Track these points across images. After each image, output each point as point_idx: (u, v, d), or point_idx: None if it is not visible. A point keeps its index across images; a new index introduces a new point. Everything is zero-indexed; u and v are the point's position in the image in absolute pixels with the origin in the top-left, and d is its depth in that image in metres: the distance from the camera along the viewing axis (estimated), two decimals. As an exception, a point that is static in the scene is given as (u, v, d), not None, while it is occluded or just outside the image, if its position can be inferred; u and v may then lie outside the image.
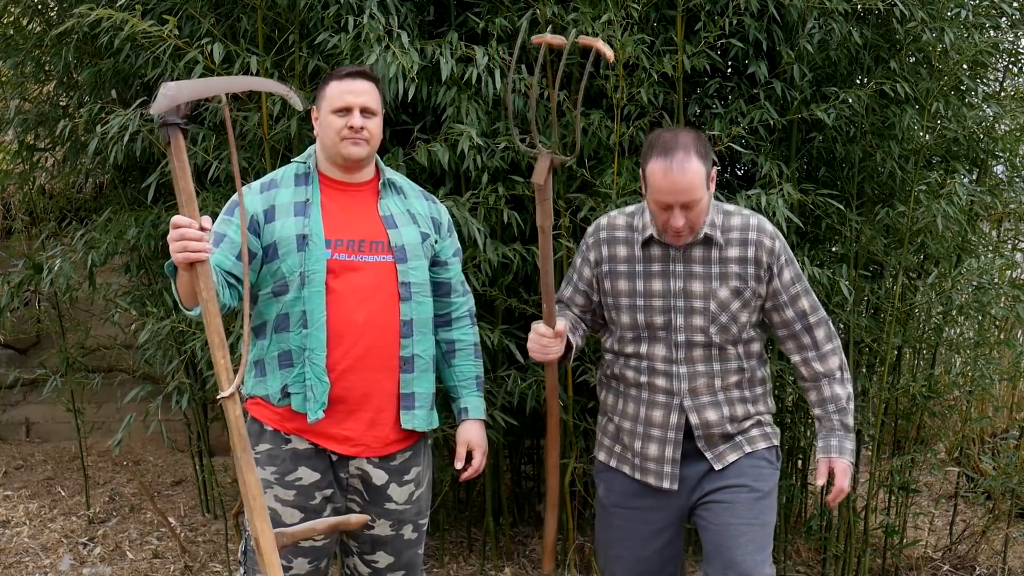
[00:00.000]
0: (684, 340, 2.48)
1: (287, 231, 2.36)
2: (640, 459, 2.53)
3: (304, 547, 2.39)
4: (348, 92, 2.37)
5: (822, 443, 2.54)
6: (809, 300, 2.53)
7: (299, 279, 2.34)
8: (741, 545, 2.43)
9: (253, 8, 3.30)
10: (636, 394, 2.54)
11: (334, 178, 2.45)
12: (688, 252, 2.48)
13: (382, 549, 2.49)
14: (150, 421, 3.73)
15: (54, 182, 4.81)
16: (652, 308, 2.49)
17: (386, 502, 2.45)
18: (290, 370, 2.37)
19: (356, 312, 2.35)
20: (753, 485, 2.49)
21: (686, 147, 2.34)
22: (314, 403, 2.34)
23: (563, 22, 3.26)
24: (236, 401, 1.96)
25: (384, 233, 2.43)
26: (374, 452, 2.41)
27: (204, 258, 1.97)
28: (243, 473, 1.96)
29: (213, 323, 1.96)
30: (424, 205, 2.54)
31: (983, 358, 3.99)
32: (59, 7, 3.91)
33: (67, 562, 4.11)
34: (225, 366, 1.95)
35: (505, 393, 3.50)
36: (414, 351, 2.42)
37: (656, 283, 2.49)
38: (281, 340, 2.37)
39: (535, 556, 4.12)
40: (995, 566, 4.34)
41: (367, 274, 2.38)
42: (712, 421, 2.49)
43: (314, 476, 2.38)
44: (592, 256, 2.59)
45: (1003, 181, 4.18)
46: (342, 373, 2.35)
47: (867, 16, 3.53)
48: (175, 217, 1.98)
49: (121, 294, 4.27)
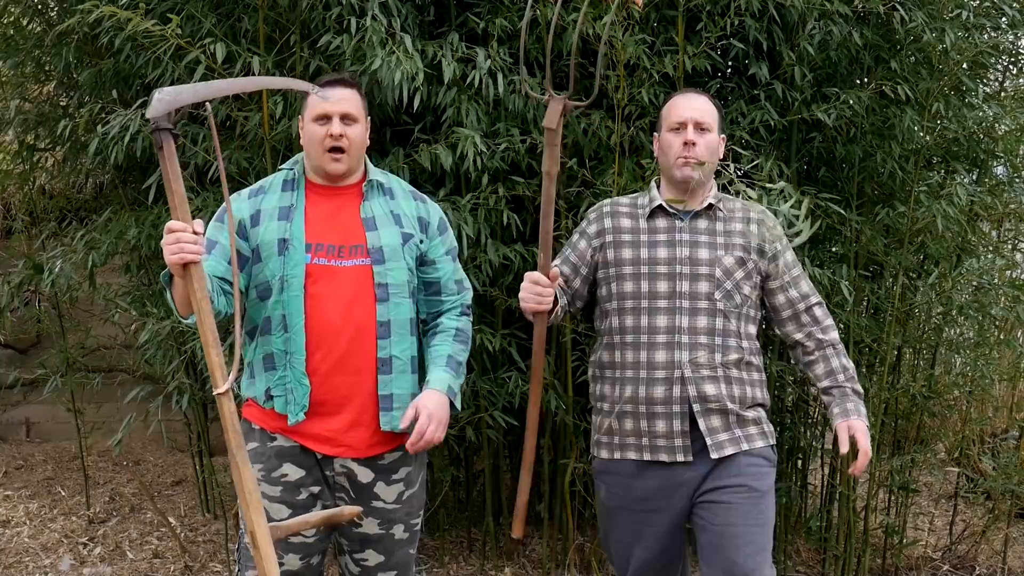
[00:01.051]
0: (688, 307, 2.50)
1: (269, 235, 2.39)
2: (648, 437, 2.51)
3: (295, 543, 2.41)
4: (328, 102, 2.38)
5: (838, 409, 2.54)
6: (808, 284, 2.63)
7: (279, 283, 2.37)
8: (741, 547, 2.43)
9: (254, 8, 3.30)
10: (633, 375, 2.53)
11: (320, 183, 2.47)
12: (693, 222, 2.55)
13: (371, 547, 2.49)
14: (150, 421, 3.74)
15: (54, 182, 4.81)
16: (656, 275, 2.52)
17: (373, 500, 2.45)
18: (273, 373, 2.39)
19: (334, 316, 2.37)
20: (752, 485, 2.48)
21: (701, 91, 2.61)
22: (295, 406, 2.37)
23: (563, 22, 3.26)
24: (230, 397, 1.99)
25: (363, 236, 2.43)
26: (357, 453, 2.42)
27: (198, 259, 2.02)
28: (238, 468, 1.99)
29: (207, 321, 1.99)
30: (412, 205, 2.54)
31: (983, 358, 3.99)
32: (59, 7, 3.91)
33: (67, 562, 4.11)
34: (219, 363, 1.99)
35: (506, 394, 3.51)
36: (391, 352, 2.42)
37: (661, 251, 2.53)
38: (265, 343, 2.41)
39: (535, 556, 4.12)
40: (995, 566, 4.35)
41: (345, 278, 2.39)
42: (711, 395, 2.48)
43: (299, 472, 2.40)
44: (592, 229, 2.63)
45: (1003, 181, 4.18)
46: (324, 376, 2.37)
47: (867, 17, 3.53)
48: (169, 222, 2.02)
49: (121, 294, 4.27)
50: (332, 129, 2.37)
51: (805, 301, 2.59)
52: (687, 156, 2.50)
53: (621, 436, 2.56)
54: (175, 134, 1.94)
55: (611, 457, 2.60)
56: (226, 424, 1.99)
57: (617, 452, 2.58)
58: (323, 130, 2.38)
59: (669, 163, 2.55)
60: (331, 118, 2.38)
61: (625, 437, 2.56)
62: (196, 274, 2.02)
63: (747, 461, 2.50)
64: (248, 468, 2.00)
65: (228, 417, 1.99)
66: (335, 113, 2.38)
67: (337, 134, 2.37)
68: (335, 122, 2.38)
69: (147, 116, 1.92)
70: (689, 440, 2.49)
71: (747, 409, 2.53)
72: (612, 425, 2.58)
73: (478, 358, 3.60)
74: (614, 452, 2.59)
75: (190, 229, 2.01)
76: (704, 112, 2.53)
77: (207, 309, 2.00)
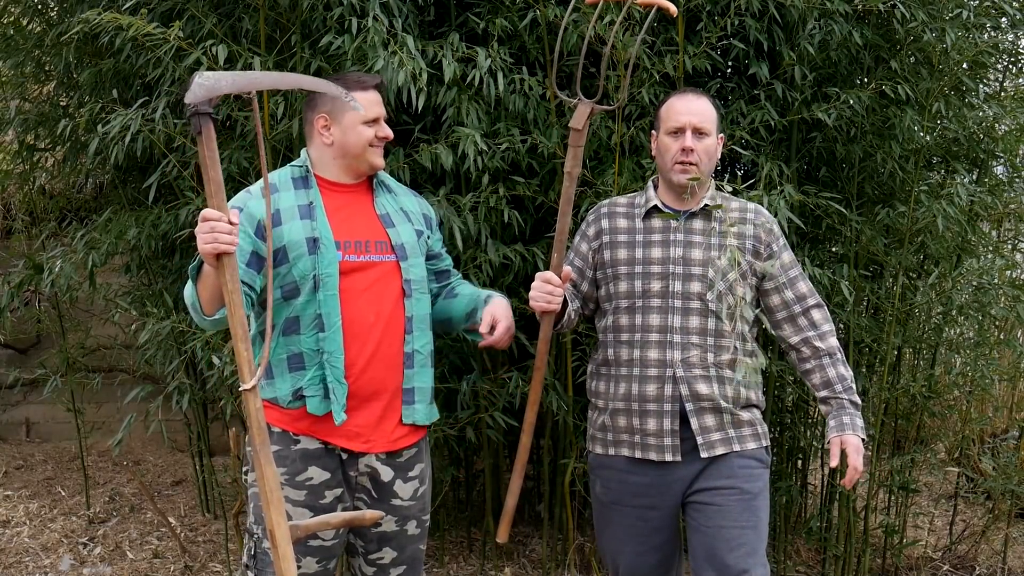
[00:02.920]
0: (681, 307, 2.50)
1: (295, 235, 2.38)
2: (640, 435, 2.53)
3: (313, 546, 2.40)
4: (376, 104, 2.46)
5: (833, 422, 2.53)
6: (806, 284, 2.60)
7: (312, 282, 2.36)
8: (733, 549, 2.44)
9: (255, 9, 3.30)
10: (627, 373, 2.54)
11: (331, 180, 2.49)
12: (689, 222, 2.55)
13: (387, 545, 2.51)
14: (150, 421, 3.73)
15: (54, 182, 4.81)
16: (650, 275, 2.53)
17: (392, 498, 2.47)
18: (302, 373, 2.38)
19: (367, 312, 2.40)
20: (744, 487, 2.49)
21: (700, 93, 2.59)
22: (336, 405, 2.37)
23: (567, 23, 3.26)
24: (257, 394, 1.97)
25: (384, 233, 2.48)
26: (382, 448, 2.44)
27: (232, 250, 1.99)
28: (261, 466, 1.97)
29: (237, 314, 1.96)
30: (414, 202, 2.62)
31: (983, 358, 3.99)
32: (59, 7, 3.91)
33: (67, 562, 4.11)
34: (247, 358, 1.96)
35: (506, 395, 3.51)
36: (415, 347, 2.47)
37: (656, 251, 2.54)
38: (291, 343, 2.39)
39: (535, 556, 4.13)
40: (995, 566, 4.35)
41: (375, 273, 2.43)
42: (703, 394, 2.48)
43: (324, 475, 2.40)
44: (592, 230, 2.65)
45: (1003, 181, 4.19)
46: (360, 372, 2.39)
47: (867, 17, 3.53)
48: (205, 211, 1.99)
49: (121, 294, 4.27)
50: (384, 132, 2.48)
51: (802, 303, 2.58)
52: (685, 162, 2.50)
53: (615, 433, 2.58)
54: (214, 118, 1.91)
55: (605, 453, 2.61)
56: (251, 421, 1.96)
57: (611, 448, 2.60)
58: (372, 131, 2.46)
59: (666, 166, 2.55)
60: (379, 121, 2.47)
61: (618, 434, 2.57)
62: (229, 265, 1.98)
63: (739, 463, 2.51)
64: (272, 467, 1.98)
65: (254, 414, 1.96)
66: (382, 117, 2.49)
67: (387, 136, 2.49)
68: (384, 125, 2.48)
69: (186, 100, 1.88)
70: (679, 439, 2.50)
71: (741, 409, 2.53)
72: (606, 422, 2.59)
73: (478, 358, 3.60)
74: (608, 448, 2.60)
75: (226, 218, 1.97)
76: (703, 116, 2.52)
77: (238, 302, 1.97)
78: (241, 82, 1.95)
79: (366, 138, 2.44)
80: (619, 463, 2.58)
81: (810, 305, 2.58)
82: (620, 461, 2.57)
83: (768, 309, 2.60)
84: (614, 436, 2.58)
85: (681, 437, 2.50)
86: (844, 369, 2.57)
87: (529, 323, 3.47)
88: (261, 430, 1.97)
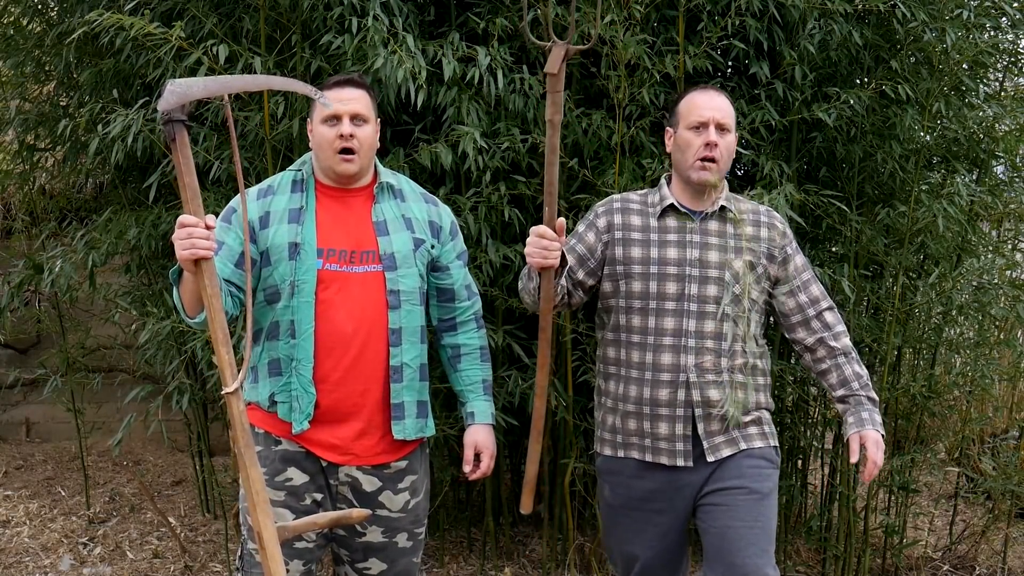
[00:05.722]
0: (696, 310, 2.47)
1: (280, 238, 2.34)
2: (651, 439, 2.50)
3: (299, 548, 2.38)
4: (336, 100, 2.31)
5: (852, 419, 2.50)
6: (819, 288, 2.59)
7: (289, 288, 2.32)
8: (742, 548, 2.42)
9: (255, 9, 3.30)
10: (639, 376, 2.50)
11: (329, 185, 2.42)
12: (705, 224, 2.51)
13: (375, 556, 2.47)
14: (150, 421, 3.73)
15: (54, 182, 4.81)
16: (666, 276, 2.48)
17: (378, 509, 2.42)
18: (278, 379, 2.36)
19: (345, 323, 2.33)
20: (753, 487, 2.47)
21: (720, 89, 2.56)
22: (299, 414, 2.33)
23: (564, 22, 3.26)
24: (239, 397, 1.96)
25: (375, 241, 2.39)
26: (364, 461, 2.39)
27: (210, 255, 1.97)
28: (245, 468, 1.97)
29: (217, 319, 1.96)
30: (423, 209, 2.49)
31: (983, 358, 3.99)
32: (60, 7, 3.91)
33: (67, 562, 4.10)
34: (229, 362, 1.95)
35: (506, 394, 3.50)
36: (403, 360, 2.39)
37: (671, 251, 2.50)
38: (271, 348, 2.37)
39: (535, 556, 4.13)
40: (995, 566, 4.35)
41: (356, 285, 2.35)
42: (715, 400, 2.47)
43: (304, 478, 2.37)
44: (601, 222, 2.57)
45: (1003, 181, 4.19)
46: (335, 384, 2.34)
47: (867, 17, 3.54)
48: (181, 216, 1.97)
49: (121, 294, 4.27)
50: (342, 129, 2.32)
51: (815, 306, 2.56)
52: (708, 158, 2.46)
53: (625, 435, 2.55)
54: (188, 125, 1.90)
55: (615, 455, 2.58)
56: (234, 423, 1.96)
57: (621, 450, 2.57)
58: (333, 131, 2.33)
59: (686, 163, 2.49)
60: (341, 119, 2.33)
61: (629, 436, 2.54)
62: (208, 270, 1.97)
63: (748, 463, 2.49)
64: (256, 468, 1.97)
65: (237, 416, 1.95)
66: (345, 113, 2.33)
67: (347, 134, 2.33)
68: (345, 122, 2.33)
69: (159, 108, 1.87)
70: (691, 444, 2.48)
71: (747, 413, 2.53)
72: (616, 423, 2.57)
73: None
74: (618, 450, 2.58)
75: (203, 224, 1.96)
76: (725, 113, 2.49)
77: (218, 306, 1.96)
78: (213, 87, 1.93)
79: (327, 139, 2.34)
80: (629, 466, 2.55)
81: (823, 308, 2.56)
82: (630, 464, 2.55)
83: (782, 313, 2.58)
84: (624, 438, 2.56)
85: (693, 442, 2.48)
86: (859, 367, 2.56)
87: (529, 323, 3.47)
88: (245, 432, 1.97)
